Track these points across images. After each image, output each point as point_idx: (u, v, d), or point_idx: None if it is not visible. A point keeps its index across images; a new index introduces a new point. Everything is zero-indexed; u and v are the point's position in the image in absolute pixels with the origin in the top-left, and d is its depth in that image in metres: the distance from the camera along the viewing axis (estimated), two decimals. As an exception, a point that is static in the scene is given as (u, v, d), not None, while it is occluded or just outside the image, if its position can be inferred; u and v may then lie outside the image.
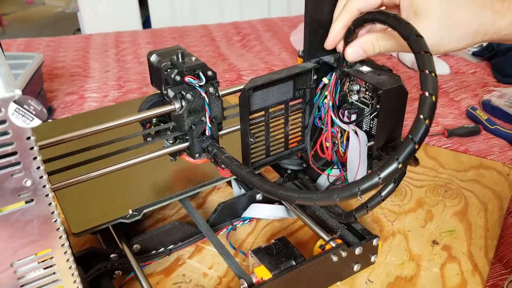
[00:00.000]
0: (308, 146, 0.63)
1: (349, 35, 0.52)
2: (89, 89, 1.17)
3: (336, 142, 0.59)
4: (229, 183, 0.74)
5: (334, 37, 0.55)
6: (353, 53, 0.52)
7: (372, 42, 0.51)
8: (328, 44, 0.56)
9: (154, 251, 0.63)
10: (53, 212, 0.39)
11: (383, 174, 0.39)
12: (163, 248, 0.63)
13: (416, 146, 0.39)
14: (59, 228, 0.40)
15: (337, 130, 0.58)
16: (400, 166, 0.39)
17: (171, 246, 0.64)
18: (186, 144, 0.58)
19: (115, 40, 1.56)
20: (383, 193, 0.48)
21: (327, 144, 0.60)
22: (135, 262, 0.57)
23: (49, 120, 0.94)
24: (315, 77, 0.59)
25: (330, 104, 0.57)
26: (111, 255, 0.59)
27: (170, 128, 0.58)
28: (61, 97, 1.13)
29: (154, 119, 0.60)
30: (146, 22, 2.28)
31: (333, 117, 0.57)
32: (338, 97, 0.58)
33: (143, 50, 1.46)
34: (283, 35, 1.55)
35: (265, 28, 1.64)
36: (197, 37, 1.59)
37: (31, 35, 1.68)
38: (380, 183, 0.40)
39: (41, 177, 0.37)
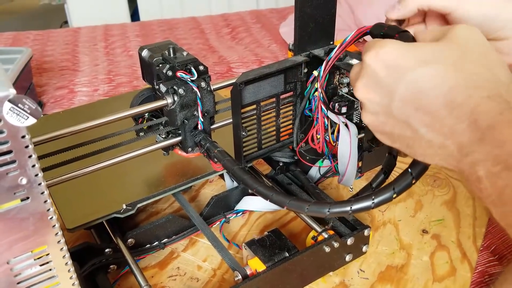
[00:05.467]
0: (295, 131, 0.63)
1: None
2: (79, 83, 1.17)
3: (327, 135, 0.59)
4: (221, 176, 0.74)
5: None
6: None
7: None
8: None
9: (148, 245, 0.63)
10: (49, 209, 0.39)
11: (377, 200, 0.42)
12: (157, 242, 0.64)
13: (414, 181, 0.41)
14: (55, 225, 0.40)
15: (328, 122, 0.59)
16: (394, 196, 0.42)
17: (165, 240, 0.65)
18: (179, 138, 0.59)
19: (104, 33, 1.55)
20: (374, 184, 0.49)
21: (318, 136, 0.60)
22: (130, 256, 0.58)
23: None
24: (305, 70, 0.60)
25: (321, 95, 0.57)
26: (106, 250, 0.59)
27: (163, 122, 0.59)
28: (51, 92, 1.13)
29: (147, 114, 0.60)
30: (134, 14, 2.27)
31: (323, 107, 0.57)
32: (326, 84, 0.58)
33: (132, 43, 1.45)
34: (272, 27, 1.55)
35: (254, 20, 1.64)
36: (186, 29, 1.58)
37: (18, 28, 1.65)
38: (372, 207, 0.42)
39: (37, 175, 0.37)
